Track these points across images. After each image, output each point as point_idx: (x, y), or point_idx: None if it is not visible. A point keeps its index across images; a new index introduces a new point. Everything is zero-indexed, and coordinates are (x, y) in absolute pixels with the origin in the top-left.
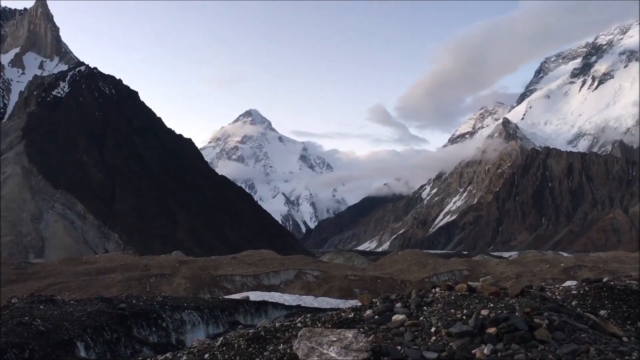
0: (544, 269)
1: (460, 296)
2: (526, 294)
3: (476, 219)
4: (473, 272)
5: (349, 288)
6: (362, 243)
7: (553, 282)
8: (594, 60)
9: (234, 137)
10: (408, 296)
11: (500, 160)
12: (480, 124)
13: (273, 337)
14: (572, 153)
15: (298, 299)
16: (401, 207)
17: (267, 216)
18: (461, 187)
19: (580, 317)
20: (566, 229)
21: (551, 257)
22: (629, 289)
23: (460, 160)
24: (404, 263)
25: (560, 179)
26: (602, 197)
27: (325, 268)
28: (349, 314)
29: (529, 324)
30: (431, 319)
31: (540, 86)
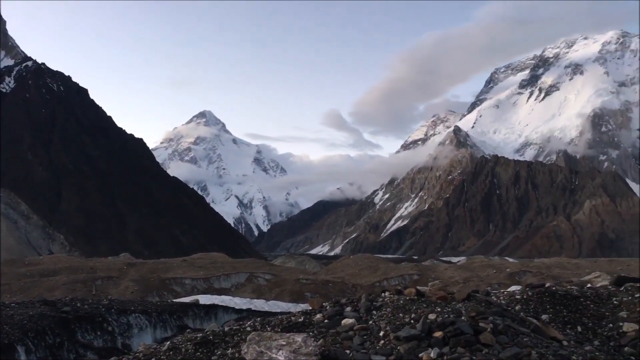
0: (491, 274)
1: (409, 300)
2: (472, 298)
3: (427, 225)
4: (423, 276)
5: (300, 292)
6: (314, 247)
7: (499, 287)
8: (541, 72)
9: (187, 138)
10: (358, 300)
11: (450, 167)
12: (432, 131)
13: (222, 342)
14: (519, 161)
15: (249, 303)
16: (354, 211)
17: (219, 219)
18: (413, 192)
19: (523, 322)
20: (512, 235)
21: (497, 263)
22: (570, 294)
23: (412, 167)
24: (355, 267)
25: (508, 187)
26: (546, 204)
27: (277, 272)
28: (298, 318)
29: (474, 328)
30: (380, 323)
31: (490, 96)
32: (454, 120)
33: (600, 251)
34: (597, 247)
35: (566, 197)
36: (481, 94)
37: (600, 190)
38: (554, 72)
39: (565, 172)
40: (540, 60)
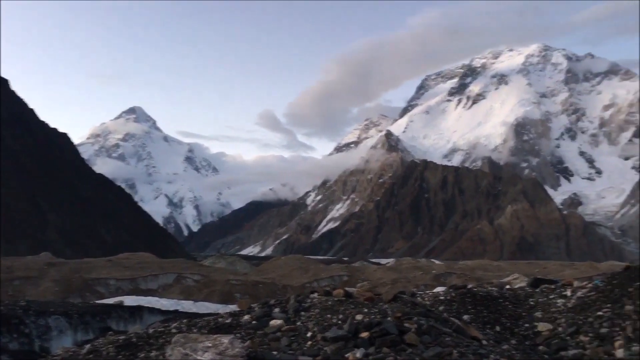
0: (418, 275)
1: (337, 301)
2: (399, 299)
3: (357, 227)
4: (352, 277)
5: (230, 293)
6: (245, 247)
7: (425, 288)
8: (469, 81)
9: (115, 135)
10: (287, 301)
11: (382, 171)
12: (364, 135)
13: (145, 344)
14: (447, 166)
15: (176, 304)
16: (286, 212)
17: (147, 218)
18: (344, 194)
19: (446, 322)
20: (439, 238)
21: (424, 264)
22: (490, 295)
23: (344, 169)
24: (286, 268)
25: (436, 191)
26: (471, 209)
27: (206, 272)
28: (226, 320)
29: (399, 328)
30: (308, 324)
31: (421, 102)
32: (386, 125)
33: (520, 254)
34: (517, 250)
35: (490, 202)
36: (412, 100)
37: (521, 196)
38: (481, 81)
39: (489, 177)
40: (469, 70)
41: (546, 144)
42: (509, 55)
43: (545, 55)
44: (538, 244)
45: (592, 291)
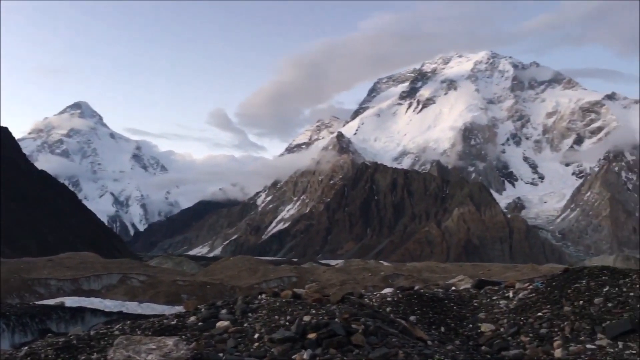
0: (366, 276)
1: (285, 303)
2: (347, 300)
3: (307, 228)
4: (301, 279)
5: (176, 293)
6: (193, 248)
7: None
8: (420, 85)
9: (59, 130)
10: (234, 302)
11: (332, 172)
12: (316, 136)
13: (86, 346)
14: (397, 169)
15: (120, 305)
16: (236, 212)
17: (91, 216)
18: (295, 195)
19: (392, 323)
20: (387, 240)
21: (373, 266)
22: (436, 297)
23: (295, 170)
24: (235, 269)
25: (385, 193)
26: (419, 211)
27: (152, 273)
28: (171, 321)
29: (346, 329)
30: (255, 325)
31: (373, 105)
32: (337, 126)
33: (465, 256)
34: (463, 252)
35: (438, 205)
36: (364, 103)
37: (467, 200)
38: (431, 86)
39: (437, 181)
40: (419, 74)
41: (492, 149)
42: (458, 61)
43: (493, 63)
44: (483, 247)
45: (532, 293)
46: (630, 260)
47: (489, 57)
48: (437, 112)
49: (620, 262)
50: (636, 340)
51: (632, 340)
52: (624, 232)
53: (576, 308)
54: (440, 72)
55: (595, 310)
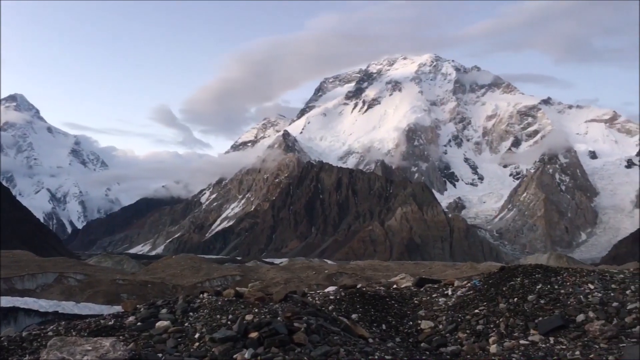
0: (310, 275)
1: (227, 302)
2: (289, 299)
3: (252, 226)
4: (245, 277)
5: (116, 293)
6: (134, 246)
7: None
8: (366, 86)
9: None
10: (175, 302)
11: (278, 171)
12: (262, 134)
13: (18, 348)
14: (342, 169)
15: (56, 305)
16: (179, 210)
17: (26, 213)
18: (240, 193)
19: (335, 321)
20: (332, 239)
21: (317, 265)
22: (378, 295)
23: (241, 168)
24: (177, 267)
25: (330, 192)
26: (364, 210)
27: (91, 272)
28: (109, 321)
29: (289, 328)
30: (196, 325)
31: (319, 104)
32: (283, 125)
33: (408, 255)
34: (406, 250)
35: (381, 204)
36: (310, 102)
37: (410, 199)
38: (377, 86)
39: (382, 180)
40: (365, 75)
41: (435, 150)
42: (403, 63)
43: (436, 66)
44: (425, 245)
45: (470, 290)
46: (563, 259)
47: (432, 60)
48: (382, 113)
49: (553, 261)
50: (566, 335)
51: (563, 335)
52: (557, 231)
53: (511, 305)
54: (386, 73)
55: (529, 307)
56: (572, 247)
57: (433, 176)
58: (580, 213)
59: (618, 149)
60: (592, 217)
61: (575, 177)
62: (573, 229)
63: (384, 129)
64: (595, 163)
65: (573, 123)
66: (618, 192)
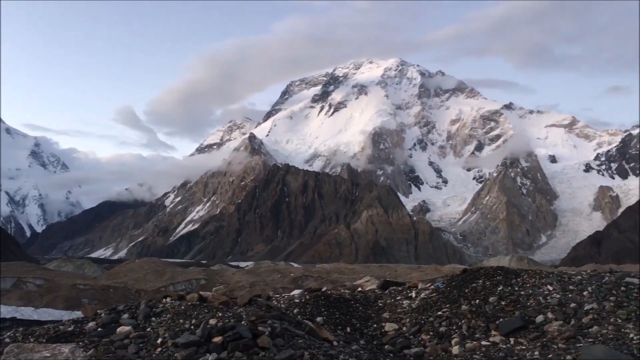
0: (276, 278)
1: (191, 306)
2: (254, 303)
3: (217, 229)
4: (210, 281)
5: (77, 298)
6: (96, 250)
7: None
8: (332, 89)
9: None
10: (137, 307)
11: (244, 173)
12: (228, 137)
13: None
14: (308, 171)
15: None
16: (142, 213)
17: None
18: (205, 196)
19: (299, 324)
20: (298, 242)
21: (283, 268)
22: (342, 298)
23: (206, 170)
24: (140, 272)
25: (296, 195)
26: (329, 213)
27: (50, 276)
28: (68, 327)
29: (253, 332)
30: (159, 330)
31: (285, 107)
32: (249, 128)
33: (373, 257)
34: (371, 253)
35: (347, 207)
36: (277, 104)
37: (376, 202)
38: (343, 90)
39: (347, 183)
40: (332, 78)
41: (400, 153)
42: (369, 67)
43: (402, 70)
44: (390, 248)
45: (433, 293)
46: (524, 260)
47: (398, 64)
48: (348, 116)
49: (515, 262)
50: (526, 336)
51: (523, 336)
52: (518, 234)
53: (473, 307)
54: (352, 77)
55: (490, 309)
56: (533, 249)
57: (398, 179)
58: (540, 216)
59: (577, 154)
60: (551, 220)
61: (535, 180)
62: (534, 231)
63: (350, 132)
64: (554, 167)
65: (534, 128)
66: (577, 195)
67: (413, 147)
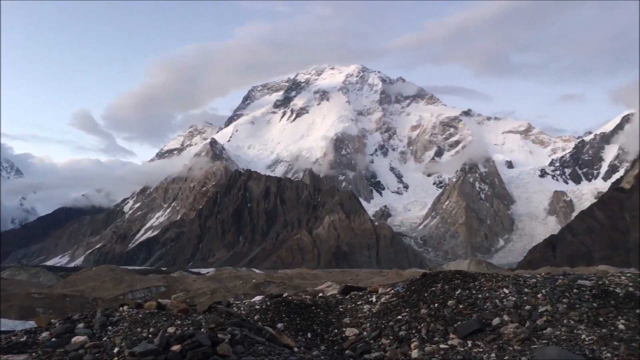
0: (238, 284)
1: (149, 314)
2: (214, 310)
3: (178, 236)
4: (170, 288)
5: (31, 307)
6: (51, 258)
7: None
8: (294, 95)
9: None
10: (92, 315)
11: (205, 179)
12: (189, 142)
13: None
14: (270, 177)
15: None
16: (100, 220)
17: None
18: (165, 202)
19: (260, 331)
20: (260, 248)
21: (245, 274)
22: (304, 303)
23: (166, 176)
24: (98, 279)
25: (258, 201)
26: (292, 219)
27: (3, 285)
28: (21, 338)
29: (212, 340)
30: (115, 339)
31: (247, 112)
32: (211, 133)
33: (335, 263)
34: (333, 258)
35: (309, 213)
36: (238, 110)
37: (338, 207)
38: (305, 96)
39: (309, 189)
40: (294, 84)
41: (362, 159)
42: (331, 73)
43: (363, 76)
44: (352, 253)
45: (394, 297)
46: (482, 264)
47: (359, 70)
48: (310, 122)
49: (474, 266)
50: (483, 338)
51: (480, 338)
52: (477, 238)
53: (432, 310)
54: (314, 82)
55: (449, 312)
56: (491, 252)
57: (360, 185)
58: (498, 220)
59: (532, 159)
60: (509, 224)
61: (493, 185)
62: (492, 235)
63: (312, 138)
64: (511, 172)
65: (491, 134)
66: (532, 200)
67: (374, 153)
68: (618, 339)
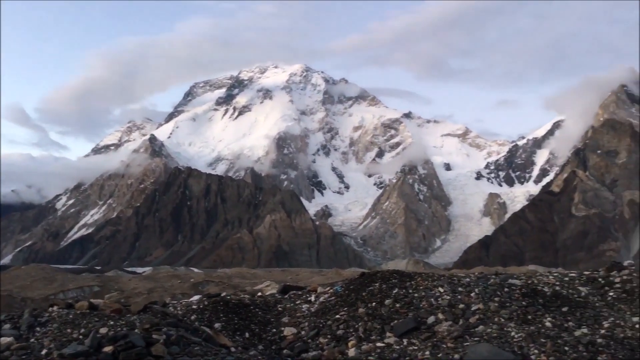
0: (175, 284)
1: (80, 315)
2: (149, 310)
3: (113, 234)
4: (104, 288)
5: None
6: None
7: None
8: (236, 92)
9: None
10: (20, 316)
11: (143, 176)
12: (127, 138)
13: None
14: (211, 175)
15: None
16: (30, 217)
17: None
18: (101, 199)
19: (196, 331)
20: (199, 246)
21: (183, 273)
22: (242, 303)
23: (102, 172)
24: (27, 279)
25: (199, 199)
26: (232, 218)
27: None
28: None
29: (147, 340)
30: (44, 341)
31: (188, 109)
32: (150, 129)
33: (276, 262)
34: (274, 258)
35: (250, 212)
36: (179, 106)
37: (279, 207)
38: (248, 94)
39: (251, 188)
40: (236, 81)
41: (304, 158)
42: (274, 72)
43: (307, 76)
44: (292, 252)
45: (332, 296)
46: (419, 264)
47: (303, 70)
48: (253, 120)
49: (411, 266)
50: (418, 337)
51: (415, 337)
52: (415, 238)
53: (369, 309)
54: (257, 80)
55: (386, 311)
56: (428, 252)
57: (302, 184)
58: (435, 221)
59: (469, 162)
60: (446, 225)
61: (432, 187)
62: (429, 235)
63: (254, 137)
64: (449, 174)
65: (430, 136)
66: (468, 201)
67: (317, 153)
68: (545, 336)
